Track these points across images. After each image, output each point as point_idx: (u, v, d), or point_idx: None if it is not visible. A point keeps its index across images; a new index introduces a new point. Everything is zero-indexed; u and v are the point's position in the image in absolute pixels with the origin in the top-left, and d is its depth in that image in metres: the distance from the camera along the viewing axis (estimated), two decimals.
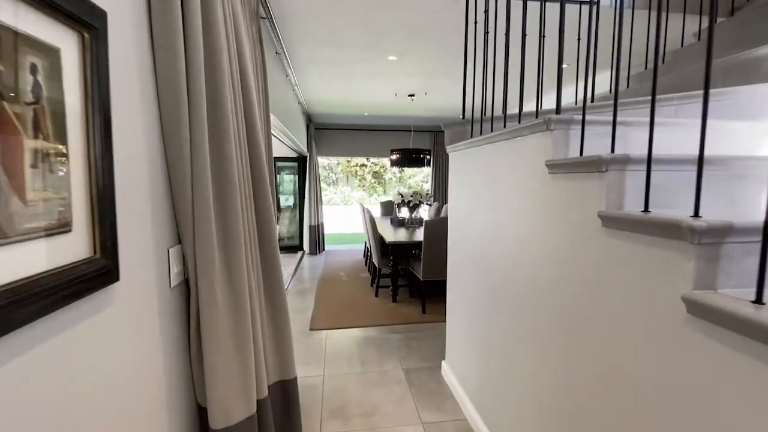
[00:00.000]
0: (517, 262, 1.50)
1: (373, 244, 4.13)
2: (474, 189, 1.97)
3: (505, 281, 1.61)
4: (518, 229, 1.47)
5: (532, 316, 1.40)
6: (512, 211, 1.53)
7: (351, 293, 4.21)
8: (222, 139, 1.08)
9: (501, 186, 1.65)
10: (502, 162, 1.63)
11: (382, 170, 15.29)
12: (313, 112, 6.11)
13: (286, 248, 6.99)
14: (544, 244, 1.30)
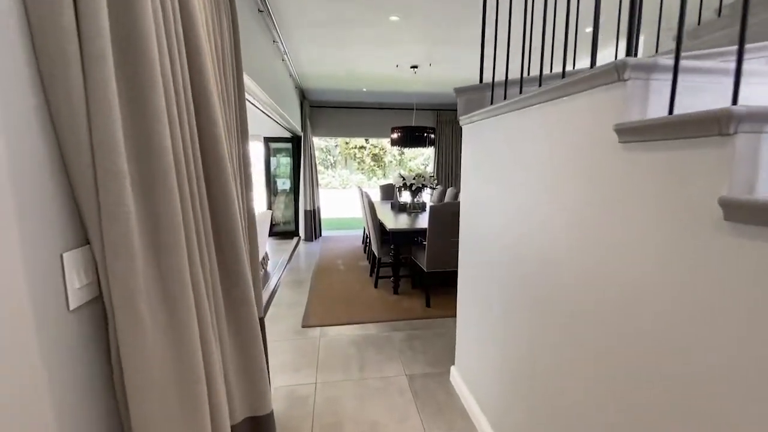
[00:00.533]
0: (564, 260, 1.15)
1: (372, 231, 3.79)
2: (496, 167, 1.61)
3: (543, 280, 1.27)
4: (569, 219, 1.12)
5: (588, 329, 1.06)
6: (557, 194, 1.17)
7: (349, 284, 3.89)
8: (144, 104, 0.72)
9: (537, 162, 1.29)
10: (538, 131, 1.27)
11: (382, 153, 14.80)
12: (307, 88, 5.66)
13: (281, 234, 6.65)
14: (614, 241, 0.95)
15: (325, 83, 5.35)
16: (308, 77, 5.05)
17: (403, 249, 3.60)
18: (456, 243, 3.18)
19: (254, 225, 1.56)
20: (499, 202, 1.58)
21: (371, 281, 3.95)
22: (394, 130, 4.41)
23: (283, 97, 4.32)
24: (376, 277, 3.78)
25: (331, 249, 5.58)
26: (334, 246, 5.79)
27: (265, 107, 3.80)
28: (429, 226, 3.07)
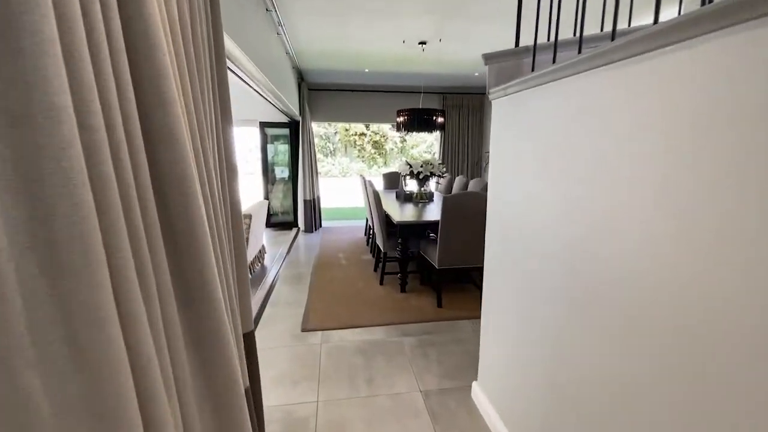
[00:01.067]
0: (669, 278, 0.84)
1: (376, 223, 3.48)
2: (540, 152, 1.29)
3: (628, 297, 0.96)
4: (683, 226, 0.80)
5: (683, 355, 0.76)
6: (664, 191, 0.84)
7: (352, 281, 3.60)
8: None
9: (605, 146, 0.97)
10: (609, 104, 0.95)
11: (383, 140, 14.38)
12: (306, 68, 5.27)
13: (279, 225, 6.35)
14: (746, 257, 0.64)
15: (325, 63, 4.96)
16: (306, 56, 4.66)
17: (411, 243, 3.29)
18: (471, 238, 2.89)
19: (240, 223, 1.25)
20: (544, 195, 1.26)
21: (376, 277, 3.66)
22: (399, 113, 4.06)
23: (280, 76, 3.95)
24: (382, 273, 3.48)
25: (332, 241, 5.28)
26: (336, 238, 5.49)
27: (259, 85, 3.44)
28: (441, 220, 2.76)
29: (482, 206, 2.79)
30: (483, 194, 2.73)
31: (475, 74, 5.50)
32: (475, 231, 2.82)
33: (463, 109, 6.42)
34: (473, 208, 2.75)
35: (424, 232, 3.26)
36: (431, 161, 4.00)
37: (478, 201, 2.74)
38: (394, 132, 14.27)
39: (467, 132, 6.49)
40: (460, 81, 5.97)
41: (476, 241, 2.85)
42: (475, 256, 2.92)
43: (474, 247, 2.88)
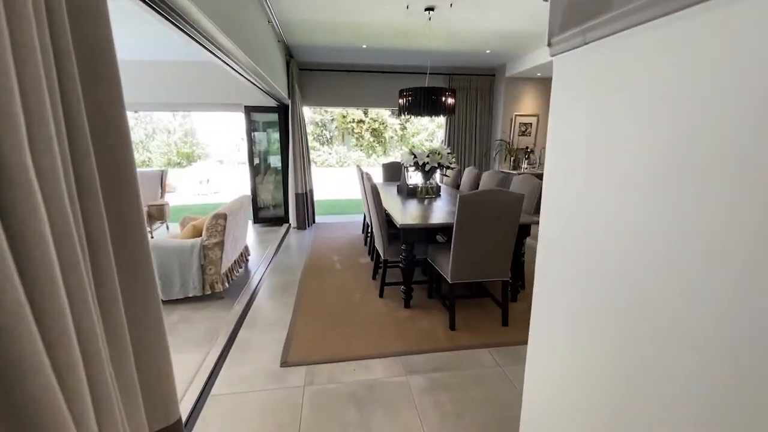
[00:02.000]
0: None
1: (375, 224, 2.91)
2: (642, 129, 0.71)
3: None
4: None
5: None
6: None
7: (346, 292, 3.06)
8: None
9: None
10: None
11: (382, 127, 13.69)
12: (295, 44, 4.63)
13: (268, 220, 5.78)
14: None
15: (316, 37, 4.33)
16: (294, 28, 4.02)
17: (417, 248, 2.74)
18: (495, 246, 2.32)
19: (141, 241, 0.69)
20: (650, 196, 0.70)
21: (375, 287, 3.12)
22: (402, 93, 3.46)
23: (262, 52, 3.34)
24: (382, 283, 2.94)
25: (325, 240, 4.72)
26: (330, 236, 4.93)
27: (235, 61, 2.83)
28: (457, 223, 2.20)
29: (511, 206, 2.24)
30: (511, 193, 2.17)
31: (486, 51, 4.87)
32: (500, 237, 2.26)
33: (471, 92, 5.80)
34: (498, 209, 2.19)
35: (433, 235, 2.70)
36: (438, 150, 3.42)
37: (506, 200, 2.18)
38: (394, 119, 13.58)
39: (476, 118, 5.88)
40: (469, 60, 5.33)
41: (500, 250, 2.30)
42: (499, 267, 2.37)
43: (497, 256, 2.33)
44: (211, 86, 5.16)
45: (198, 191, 10.52)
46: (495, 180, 3.50)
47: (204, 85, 5.15)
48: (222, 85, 5.15)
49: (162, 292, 2.98)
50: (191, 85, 5.14)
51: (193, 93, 5.17)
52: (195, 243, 2.98)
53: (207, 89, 5.17)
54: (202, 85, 5.15)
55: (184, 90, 5.16)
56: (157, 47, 4.52)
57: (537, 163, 5.73)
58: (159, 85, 5.10)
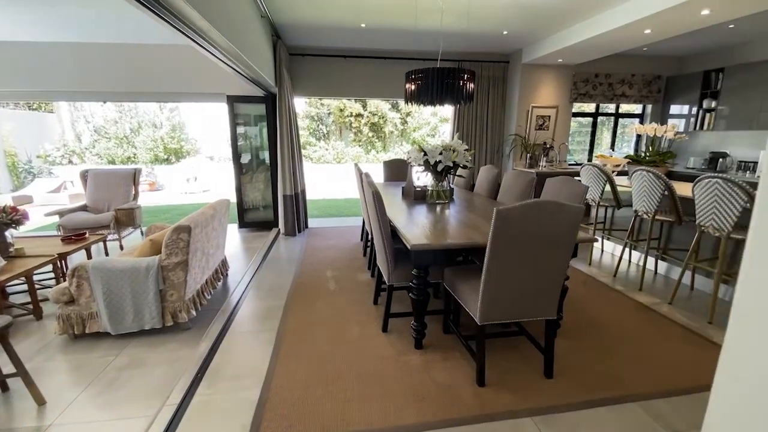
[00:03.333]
0: None
1: (377, 239, 2.31)
2: None
3: None
4: None
5: None
6: None
7: (342, 323, 2.46)
8: None
9: None
10: None
11: (382, 122, 13.01)
12: (281, 22, 3.99)
13: (255, 225, 5.16)
14: None
15: (306, 14, 3.69)
16: (282, 4, 3.39)
17: (433, 271, 2.14)
18: (541, 276, 1.74)
19: None
20: None
21: (377, 316, 2.52)
22: (410, 77, 2.84)
23: (240, 30, 2.70)
24: (386, 314, 2.33)
25: (318, 250, 4.11)
26: (324, 244, 4.32)
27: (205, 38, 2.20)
28: (493, 246, 1.60)
29: (568, 224, 1.62)
30: (569, 206, 1.57)
31: (503, 33, 4.24)
32: (549, 264, 1.67)
33: (483, 81, 5.17)
34: (551, 228, 1.59)
35: (454, 256, 2.10)
36: (453, 146, 2.80)
37: (561, 216, 1.58)
38: (394, 113, 12.90)
39: (487, 110, 5.26)
40: (482, 44, 4.70)
41: (548, 281, 1.70)
42: (544, 303, 1.78)
43: (544, 289, 1.74)
44: (188, 73, 4.52)
45: (185, 189, 9.87)
46: (522, 182, 2.90)
47: (180, 72, 4.51)
48: (200, 71, 4.51)
49: (109, 325, 2.37)
50: (165, 72, 4.50)
51: (168, 81, 4.53)
52: (151, 263, 2.37)
53: (183, 77, 4.53)
54: (178, 72, 4.51)
55: (158, 77, 4.51)
56: (123, 28, 3.87)
57: (557, 160, 5.12)
58: (128, 73, 4.46)
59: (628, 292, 2.97)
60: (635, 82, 5.37)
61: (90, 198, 4.58)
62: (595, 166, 3.43)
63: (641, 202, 3.01)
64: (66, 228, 4.10)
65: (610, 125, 6.07)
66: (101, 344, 2.36)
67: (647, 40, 3.81)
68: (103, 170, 4.69)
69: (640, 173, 2.94)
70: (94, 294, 2.37)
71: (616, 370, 1.95)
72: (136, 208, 4.43)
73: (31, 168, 10.21)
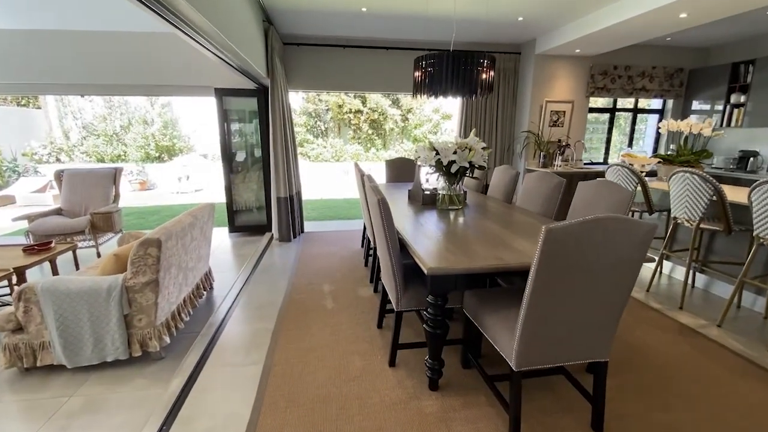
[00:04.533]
0: None
1: (383, 253, 1.93)
2: None
3: None
4: None
5: None
6: None
7: (341, 354, 2.08)
8: None
9: None
10: None
11: (382, 118, 12.58)
12: (274, 7, 3.59)
13: (247, 229, 4.78)
14: None
15: None
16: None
17: (452, 296, 1.77)
18: (598, 308, 1.21)
19: None
20: None
21: (382, 343, 2.15)
22: (420, 64, 2.45)
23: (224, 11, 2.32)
24: (394, 345, 1.96)
25: (315, 258, 3.74)
26: (321, 252, 3.94)
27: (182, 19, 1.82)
28: (538, 275, 1.23)
29: (635, 244, 1.19)
30: (639, 222, 1.19)
31: (518, 19, 3.86)
32: (607, 297, 1.30)
33: (499, 73, 4.77)
34: (615, 250, 1.22)
35: (478, 280, 1.72)
36: (469, 144, 2.42)
37: (629, 234, 1.21)
38: (394, 109, 12.46)
39: (497, 105, 4.87)
40: (493, 32, 4.31)
41: (605, 315, 1.33)
42: (598, 342, 1.41)
43: (598, 326, 1.37)
44: (172, 63, 4.12)
45: (177, 189, 9.47)
46: (548, 185, 2.52)
47: (163, 62, 4.10)
48: (185, 61, 4.11)
49: (64, 357, 1.99)
50: (146, 62, 4.09)
51: (150, 72, 4.13)
52: (114, 284, 1.99)
53: (167, 67, 4.13)
54: (160, 62, 4.11)
55: (138, 68, 4.11)
56: (94, 14, 3.47)
57: (573, 158, 4.75)
58: (103, 63, 4.05)
59: (668, 311, 2.61)
60: (656, 75, 4.99)
61: (65, 201, 4.18)
62: (625, 167, 3.06)
63: (682, 208, 2.64)
64: (36, 234, 3.72)
65: (619, 122, 5.70)
66: (55, 380, 1.99)
67: (679, 26, 3.43)
68: (80, 170, 4.29)
69: (682, 176, 2.57)
70: (46, 320, 1.99)
71: (679, 420, 1.58)
72: (114, 211, 4.04)
73: (17, 167, 9.78)
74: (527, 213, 2.48)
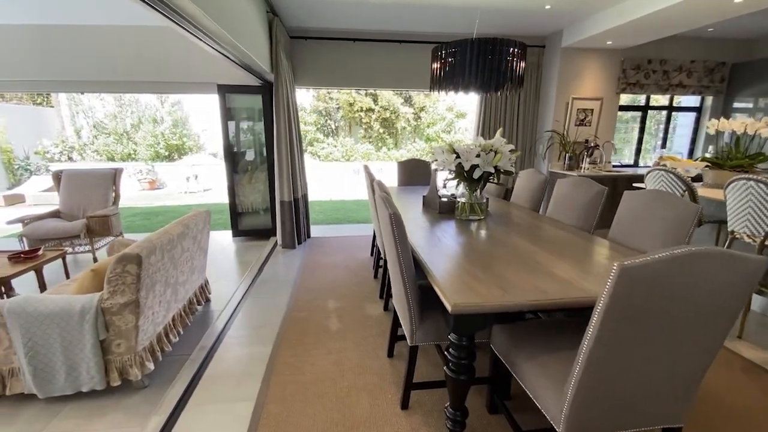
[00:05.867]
0: None
1: (394, 273, 1.63)
2: None
3: None
4: None
5: None
6: None
7: (346, 388, 1.80)
8: None
9: None
10: None
11: (394, 117, 12.25)
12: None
13: (250, 233, 4.55)
14: None
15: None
16: None
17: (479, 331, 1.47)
18: (680, 362, 0.87)
19: None
20: None
21: (391, 375, 1.86)
22: (438, 54, 2.14)
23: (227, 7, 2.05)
24: (407, 386, 1.66)
25: (320, 268, 3.47)
26: (327, 261, 3.67)
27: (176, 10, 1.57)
28: (603, 324, 0.92)
29: (737, 284, 0.88)
30: (746, 257, 0.87)
31: (546, 7, 3.51)
32: (693, 346, 0.98)
33: None
34: (709, 292, 0.90)
35: (511, 315, 1.42)
36: (495, 146, 2.11)
37: (729, 273, 0.88)
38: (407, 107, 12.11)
39: (518, 102, 4.52)
40: (517, 23, 3.97)
41: (692, 366, 1.01)
42: (673, 403, 1.09)
43: (676, 383, 1.05)
44: (176, 59, 3.90)
45: (186, 189, 9.35)
46: (586, 194, 2.19)
47: (162, 58, 3.88)
48: (185, 56, 3.89)
49: (35, 387, 1.76)
50: (151, 59, 3.88)
51: (150, 68, 3.91)
52: (87, 305, 1.74)
53: (167, 63, 3.91)
54: (164, 59, 3.89)
55: (143, 65, 3.90)
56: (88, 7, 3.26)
57: (602, 161, 4.38)
58: (111, 59, 3.85)
59: (726, 341, 2.25)
60: (695, 70, 4.57)
61: (63, 203, 4.01)
62: (670, 172, 2.70)
63: (743, 221, 2.27)
64: (31, 239, 3.54)
65: (646, 121, 5.27)
66: (25, 411, 1.76)
67: (730, 13, 3.04)
68: (79, 171, 4.12)
69: (744, 184, 2.21)
70: (14, 345, 1.77)
71: None
72: (112, 214, 3.85)
73: (29, 165, 9.81)
74: (562, 226, 2.15)
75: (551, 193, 2.58)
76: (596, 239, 1.86)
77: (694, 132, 4.99)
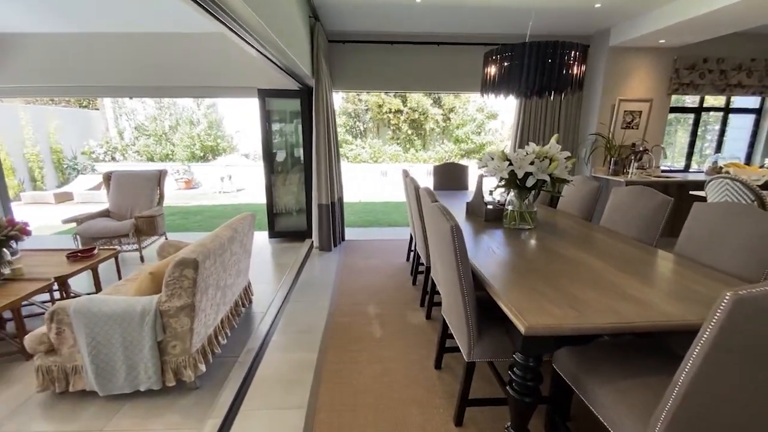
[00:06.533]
0: None
1: (451, 289, 1.59)
2: None
3: None
4: None
5: None
6: None
7: (394, 400, 1.77)
8: None
9: None
10: None
11: (422, 118, 12.16)
12: (323, 3, 3.34)
13: (286, 235, 4.61)
14: None
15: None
16: None
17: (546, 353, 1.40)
18: None
19: None
20: None
21: (441, 388, 1.82)
22: (492, 57, 2.08)
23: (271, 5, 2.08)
24: (461, 402, 1.61)
25: (357, 273, 3.46)
26: (363, 265, 3.67)
27: (234, 18, 1.60)
28: (708, 357, 0.84)
29: None
30: None
31: (595, 6, 3.36)
32: None
33: None
34: None
35: (586, 336, 1.34)
36: (550, 154, 2.02)
37: None
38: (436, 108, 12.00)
39: (559, 104, 4.36)
40: (563, 22, 3.82)
41: None
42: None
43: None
44: (216, 65, 4.01)
45: (220, 188, 9.64)
46: (647, 204, 2.06)
47: (207, 64, 4.00)
48: (229, 62, 3.98)
49: (96, 384, 1.84)
50: (190, 64, 4.01)
51: (194, 73, 4.04)
52: (147, 307, 1.80)
53: (211, 69, 4.02)
54: (205, 64, 4.01)
55: (186, 71, 4.03)
56: (137, 15, 3.39)
57: (651, 165, 4.15)
58: (155, 66, 4.01)
59: None
60: (756, 69, 4.25)
61: (113, 203, 4.21)
62: (737, 180, 2.51)
63: None
64: (83, 237, 3.73)
65: (688, 123, 4.95)
66: (87, 408, 1.83)
67: None
68: (127, 172, 4.30)
69: None
70: (78, 344, 1.85)
71: None
72: (158, 215, 4.00)
73: (76, 164, 10.40)
74: (623, 239, 2.03)
75: (603, 201, 2.45)
76: (663, 254, 1.74)
77: (752, 135, 4.65)
